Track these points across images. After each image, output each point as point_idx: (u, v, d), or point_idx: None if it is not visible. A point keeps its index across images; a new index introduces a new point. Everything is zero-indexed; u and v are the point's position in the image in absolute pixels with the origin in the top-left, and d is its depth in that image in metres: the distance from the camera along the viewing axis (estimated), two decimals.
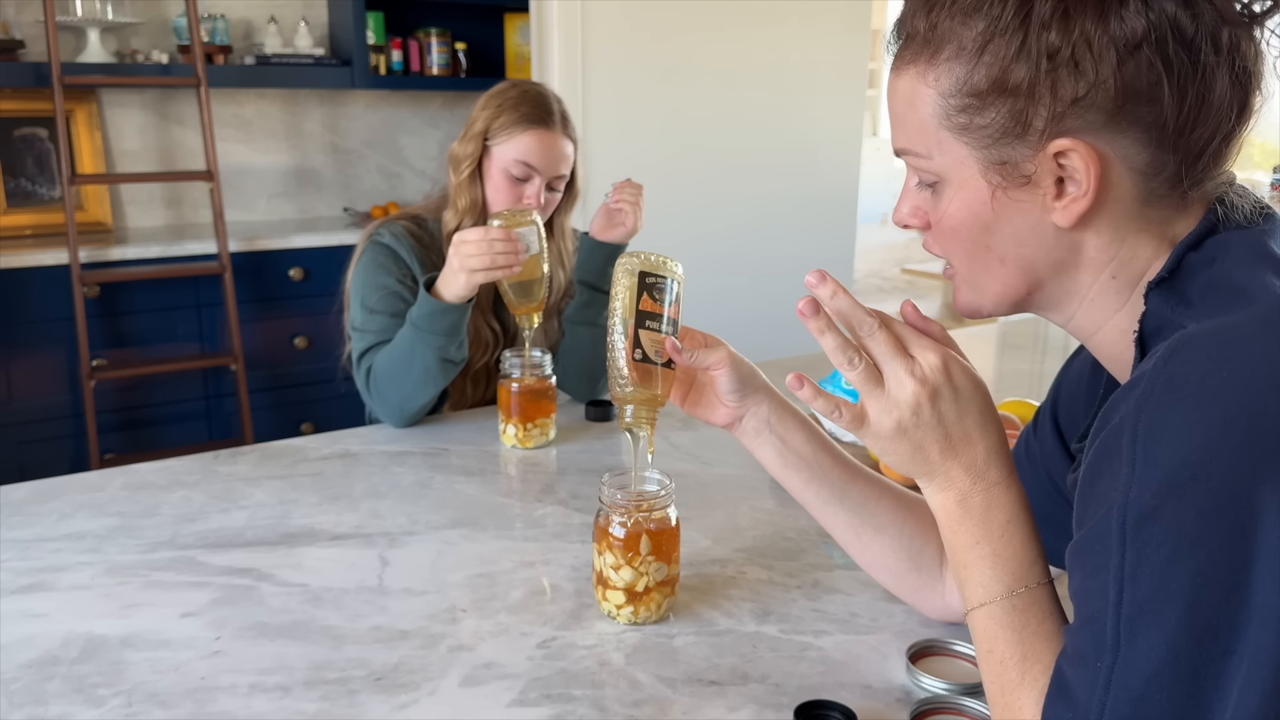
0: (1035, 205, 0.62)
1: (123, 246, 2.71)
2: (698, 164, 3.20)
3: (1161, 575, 0.52)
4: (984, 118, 0.61)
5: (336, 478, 1.28)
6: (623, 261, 0.88)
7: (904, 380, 0.66)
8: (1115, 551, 0.53)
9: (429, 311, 1.35)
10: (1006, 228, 0.63)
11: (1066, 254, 0.63)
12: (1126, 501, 0.53)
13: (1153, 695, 0.53)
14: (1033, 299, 0.66)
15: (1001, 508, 0.67)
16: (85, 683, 0.83)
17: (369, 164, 3.44)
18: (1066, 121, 0.59)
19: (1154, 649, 0.52)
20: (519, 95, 1.48)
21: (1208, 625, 0.51)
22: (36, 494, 1.22)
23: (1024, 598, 0.65)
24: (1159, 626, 0.52)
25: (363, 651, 0.87)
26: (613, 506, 0.90)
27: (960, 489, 0.67)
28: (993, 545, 0.66)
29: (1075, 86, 0.58)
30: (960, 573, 0.68)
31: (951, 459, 0.67)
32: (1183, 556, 0.51)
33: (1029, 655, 0.63)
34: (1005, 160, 0.61)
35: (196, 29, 2.71)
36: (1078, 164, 0.59)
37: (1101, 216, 0.61)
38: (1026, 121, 0.59)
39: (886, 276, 7.35)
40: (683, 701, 0.80)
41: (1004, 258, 0.64)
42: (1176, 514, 0.51)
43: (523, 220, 1.33)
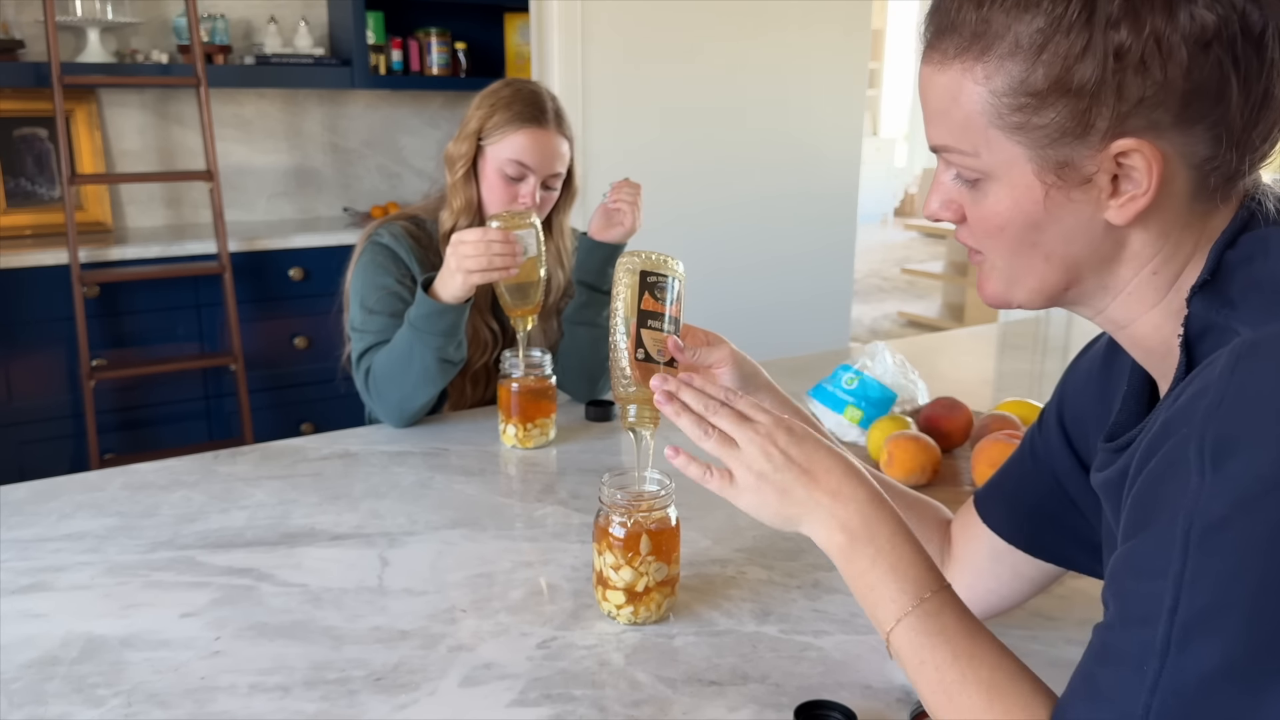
0: (1089, 204, 0.60)
1: (122, 246, 2.71)
2: (697, 164, 3.20)
3: (1225, 586, 0.51)
4: (1042, 118, 0.58)
5: (336, 478, 1.28)
6: (623, 261, 0.88)
7: (751, 438, 0.71)
8: (1177, 558, 0.52)
9: (427, 312, 1.35)
10: (1056, 226, 0.61)
11: (1112, 250, 0.62)
12: (1194, 509, 0.52)
13: (1203, 703, 0.52)
14: (1068, 294, 0.65)
15: (882, 522, 0.68)
16: (85, 683, 0.82)
17: (369, 164, 3.44)
18: (1130, 121, 0.57)
19: (1209, 657, 0.51)
20: (512, 94, 1.48)
21: (1267, 639, 0.50)
22: (36, 494, 1.22)
23: (934, 602, 0.65)
24: (1216, 635, 0.51)
25: (362, 652, 0.87)
26: (613, 506, 0.90)
27: (836, 516, 0.69)
28: (888, 559, 0.67)
29: (1143, 86, 0.56)
30: (868, 599, 0.68)
31: (815, 488, 0.69)
32: (1249, 569, 0.50)
33: (960, 654, 0.63)
34: (1063, 161, 0.59)
35: (196, 29, 2.71)
36: (1139, 164, 0.58)
37: (1154, 214, 0.60)
38: (1089, 122, 0.57)
39: (886, 276, 7.35)
40: (683, 701, 0.80)
41: (1049, 255, 0.63)
42: (1246, 527, 0.50)
43: (521, 223, 1.33)
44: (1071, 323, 2.30)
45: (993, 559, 0.84)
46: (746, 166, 3.30)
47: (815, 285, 3.54)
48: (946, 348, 2.09)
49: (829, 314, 3.60)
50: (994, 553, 0.84)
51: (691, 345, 0.88)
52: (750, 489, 0.71)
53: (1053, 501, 0.81)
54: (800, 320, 3.48)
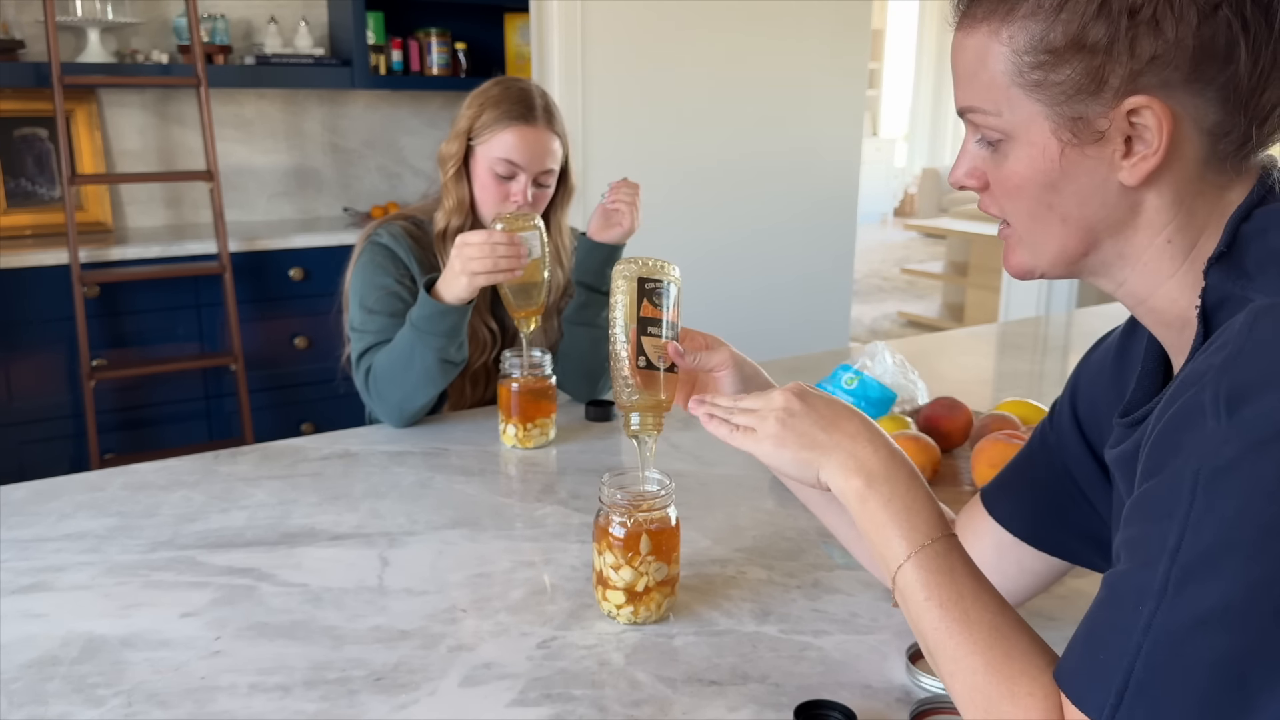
0: (1103, 163, 0.62)
1: (123, 246, 2.71)
2: (697, 164, 3.20)
3: (1228, 527, 0.52)
4: (1059, 74, 0.61)
5: (336, 478, 1.28)
6: (620, 269, 0.88)
7: (774, 397, 0.76)
8: (1184, 499, 0.53)
9: (429, 313, 1.35)
10: (1071, 185, 0.63)
11: (1127, 214, 0.63)
12: (1206, 453, 0.53)
13: (1194, 645, 0.52)
14: (1088, 261, 0.67)
15: (899, 467, 0.71)
16: (85, 683, 0.83)
17: (369, 164, 3.44)
18: (1142, 79, 0.59)
19: (1205, 598, 0.52)
20: (500, 93, 1.48)
21: (1266, 582, 0.51)
22: (36, 494, 1.22)
23: (943, 544, 0.68)
24: (1215, 577, 0.52)
25: (363, 651, 0.87)
26: (613, 506, 0.90)
27: (856, 457, 0.71)
28: (903, 500, 0.69)
29: (1154, 45, 0.58)
30: (879, 539, 0.69)
31: (836, 431, 0.73)
32: (1254, 511, 0.51)
33: (966, 595, 0.65)
34: (1078, 117, 0.61)
35: (196, 29, 2.71)
36: (1150, 122, 0.59)
37: (1166, 176, 0.62)
38: (1102, 79, 0.60)
39: (886, 276, 7.35)
40: (683, 701, 0.80)
41: (1066, 216, 0.65)
42: (1256, 469, 0.51)
43: (525, 224, 1.33)
44: (1071, 322, 2.30)
45: (998, 554, 0.84)
46: (746, 166, 3.31)
47: (815, 285, 3.54)
48: (946, 348, 2.09)
49: (829, 314, 3.60)
50: (999, 548, 0.84)
51: (691, 350, 0.88)
52: (772, 436, 0.74)
53: (1062, 494, 0.81)
54: (800, 320, 3.48)
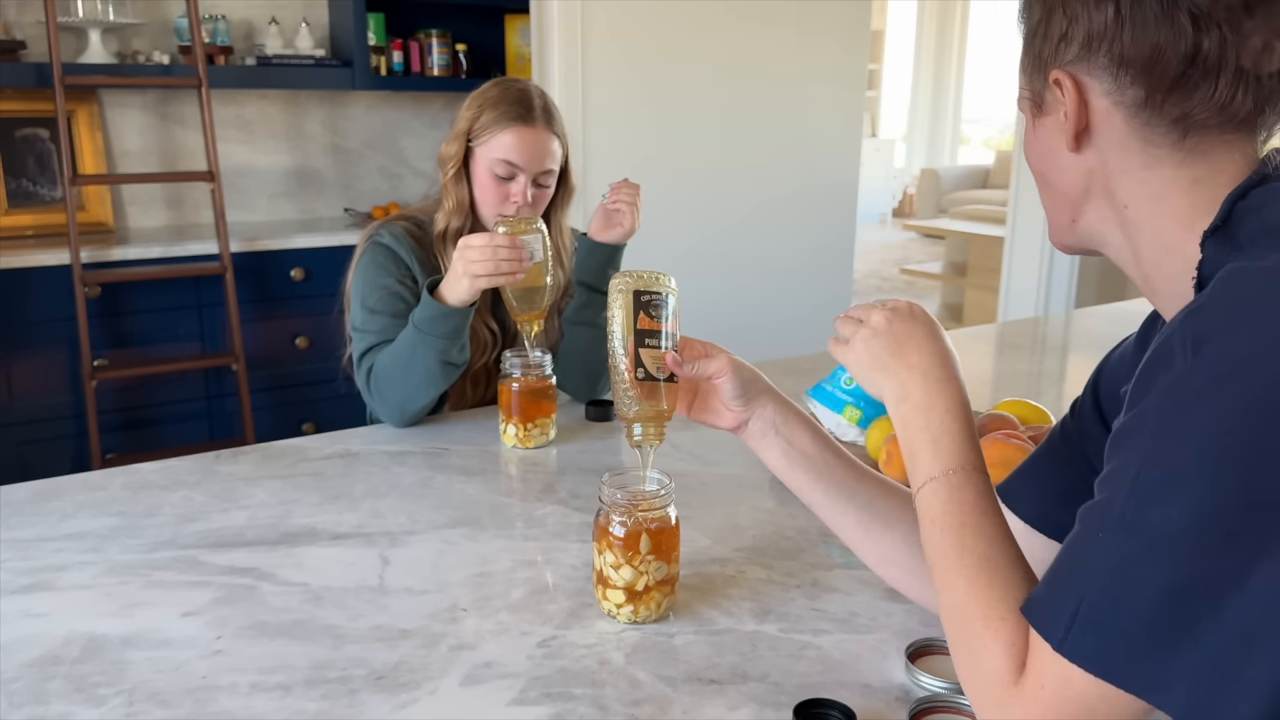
0: (1056, 133, 0.70)
1: (124, 247, 2.71)
2: (697, 164, 3.21)
3: (1183, 458, 0.54)
4: (1026, 58, 0.71)
5: (337, 477, 1.28)
6: (615, 282, 0.89)
7: (873, 314, 0.82)
8: (1147, 432, 0.56)
9: (431, 315, 1.35)
10: (1044, 154, 0.72)
11: (1084, 178, 0.70)
12: (1168, 387, 0.56)
13: (1143, 571, 0.54)
14: (1078, 228, 0.73)
15: (942, 398, 0.75)
16: (86, 682, 0.83)
17: (370, 165, 3.45)
18: (1060, 56, 0.68)
19: (1157, 525, 0.54)
20: (499, 94, 1.49)
21: (1216, 513, 0.52)
22: (38, 494, 1.22)
23: (960, 475, 0.72)
24: (1167, 504, 0.54)
25: (363, 651, 0.88)
26: (613, 506, 0.90)
27: (906, 386, 0.77)
28: (933, 430, 0.74)
29: (1060, 26, 0.67)
30: (909, 463, 0.75)
31: (899, 359, 0.78)
32: (1210, 444, 0.53)
33: (968, 525, 0.69)
34: (1035, 92, 0.71)
35: (198, 30, 2.71)
36: (1068, 91, 0.67)
37: (1098, 142, 0.68)
38: (1040, 55, 0.69)
39: (886, 277, 7.35)
40: (682, 700, 0.80)
41: (1049, 184, 0.73)
42: (1214, 404, 0.53)
43: (528, 228, 1.33)
44: (1070, 323, 2.30)
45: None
46: (746, 167, 3.31)
47: (815, 285, 3.54)
48: None
49: (828, 314, 3.56)
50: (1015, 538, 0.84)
51: (690, 359, 0.89)
52: (855, 351, 0.81)
53: (1081, 484, 0.81)
54: (800, 320, 3.48)
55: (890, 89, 10.46)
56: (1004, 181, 7.54)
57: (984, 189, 8.89)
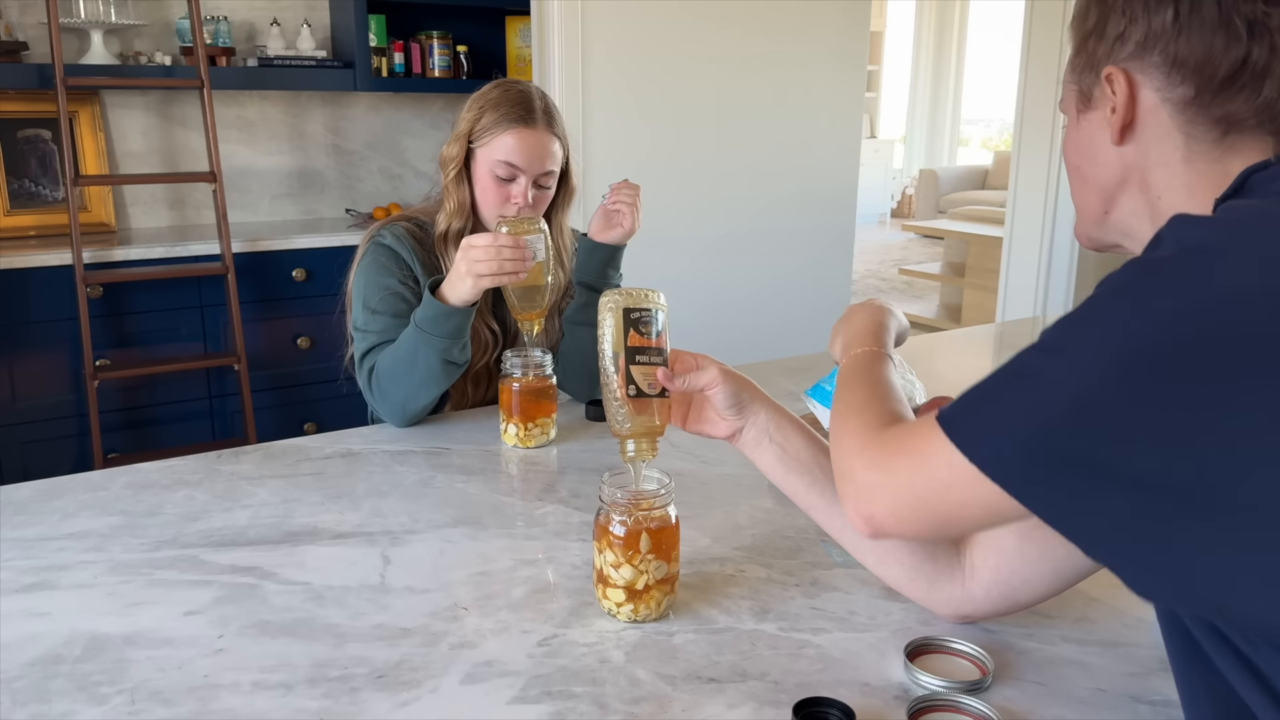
0: (1100, 126, 0.75)
1: (126, 247, 2.72)
2: (697, 165, 3.21)
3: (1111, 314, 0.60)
4: (1078, 56, 0.76)
5: (339, 477, 1.28)
6: (605, 301, 0.90)
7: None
8: (1087, 305, 0.61)
9: (433, 314, 1.35)
10: (1086, 147, 0.77)
11: (1123, 172, 0.75)
12: (1112, 278, 0.61)
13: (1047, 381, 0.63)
14: (1110, 220, 0.78)
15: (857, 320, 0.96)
16: (88, 681, 0.83)
17: (371, 165, 3.45)
18: (1115, 54, 0.72)
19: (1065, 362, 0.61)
20: (500, 95, 1.49)
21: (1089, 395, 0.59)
22: (40, 493, 1.22)
23: (865, 356, 0.87)
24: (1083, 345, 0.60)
25: (365, 649, 0.88)
26: (613, 505, 0.91)
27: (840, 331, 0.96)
28: (849, 333, 0.93)
29: (1118, 25, 0.71)
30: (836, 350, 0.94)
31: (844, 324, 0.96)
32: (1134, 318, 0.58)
33: (871, 400, 0.80)
34: (1086, 88, 0.75)
35: (199, 31, 2.71)
36: (1119, 88, 0.72)
37: (1142, 135, 0.73)
38: (1095, 54, 0.74)
39: (885, 277, 7.35)
40: (682, 699, 0.81)
41: (1087, 178, 0.78)
42: (1148, 281, 0.59)
43: (530, 228, 1.34)
44: None
45: (1022, 539, 0.84)
46: (745, 168, 3.31)
47: (814, 285, 3.55)
48: (944, 348, 2.09)
49: (827, 314, 3.58)
50: (1023, 533, 0.84)
51: (680, 372, 0.90)
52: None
53: None
54: (799, 320, 3.48)
55: (890, 89, 10.46)
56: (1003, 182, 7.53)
57: (983, 190, 8.89)
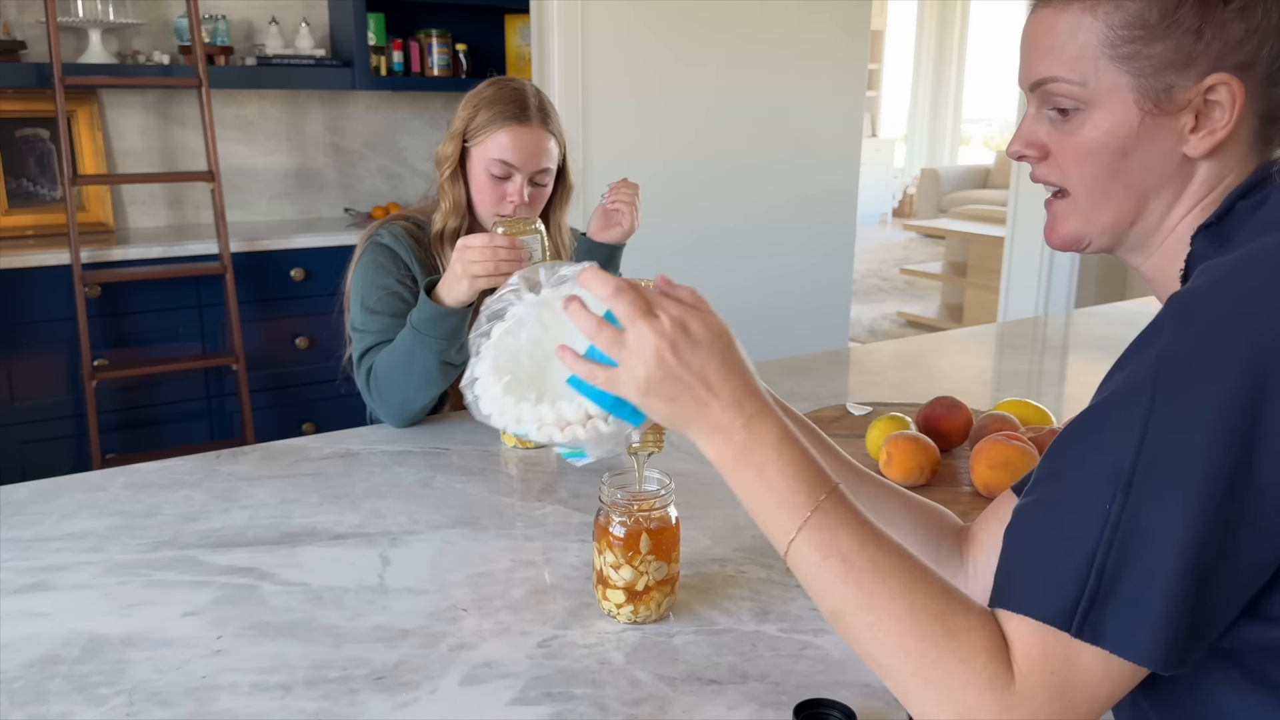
0: (1173, 134, 0.68)
1: (124, 247, 2.71)
2: (697, 164, 3.20)
3: (1192, 414, 0.54)
4: (1151, 49, 0.66)
5: (337, 477, 1.28)
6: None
7: (646, 336, 0.66)
8: (1145, 395, 0.56)
9: (430, 316, 1.35)
10: (1141, 152, 0.69)
11: (1179, 184, 0.70)
12: (1161, 354, 0.56)
13: (1164, 532, 0.54)
14: (1133, 230, 0.72)
15: (766, 433, 0.66)
16: (86, 682, 0.83)
17: (370, 165, 3.45)
18: (1224, 60, 0.65)
19: (1173, 486, 0.54)
20: (494, 93, 1.49)
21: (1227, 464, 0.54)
22: (38, 494, 1.22)
23: (831, 499, 0.64)
24: (1182, 466, 0.54)
25: (363, 650, 0.88)
26: (613, 506, 0.90)
27: (721, 428, 0.66)
28: (777, 466, 0.65)
29: (1241, 30, 0.65)
30: (761, 508, 0.66)
31: (705, 403, 0.66)
32: (1214, 397, 0.54)
33: (866, 542, 0.63)
34: (1164, 88, 0.67)
35: (198, 30, 2.71)
36: (1224, 99, 0.66)
37: (1221, 151, 0.68)
38: (1191, 56, 0.66)
39: (885, 277, 7.35)
40: (682, 700, 0.81)
41: (1129, 183, 0.70)
42: (1209, 358, 0.55)
43: (526, 228, 1.34)
44: (1070, 323, 2.30)
45: None
46: (746, 167, 3.31)
47: (814, 285, 3.54)
48: (945, 348, 2.09)
49: (828, 314, 3.60)
50: None
51: None
52: (638, 390, 0.67)
53: None
54: (799, 320, 3.48)
55: (890, 89, 10.46)
56: (1004, 181, 7.53)
57: (984, 189, 8.89)
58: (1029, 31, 0.73)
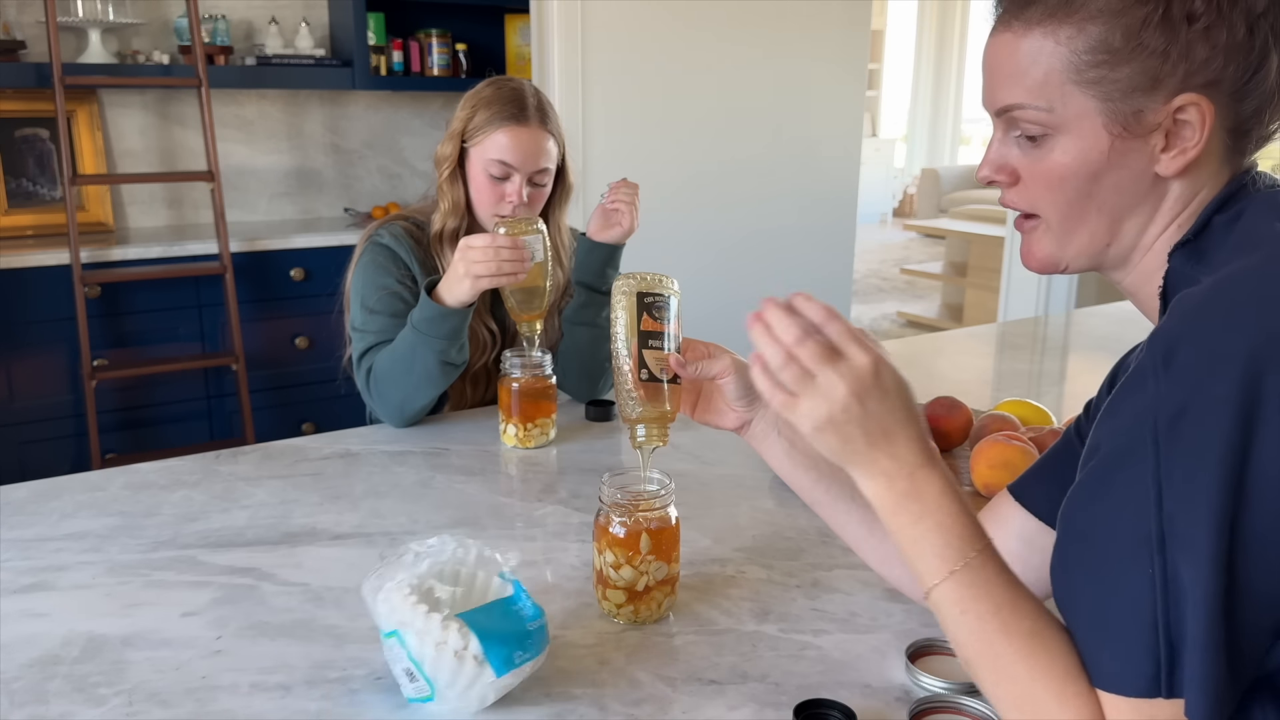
0: (1145, 155, 0.68)
1: (124, 247, 2.71)
2: (697, 164, 3.20)
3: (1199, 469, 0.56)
4: (1118, 73, 0.66)
5: (337, 477, 1.28)
6: (619, 284, 0.89)
7: (836, 382, 0.67)
8: (1149, 454, 0.58)
9: (430, 315, 1.35)
10: (1114, 175, 0.68)
11: (1154, 203, 0.69)
12: (1155, 406, 0.58)
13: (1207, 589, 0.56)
14: (1110, 251, 0.72)
15: (930, 484, 0.68)
16: (86, 682, 0.83)
17: (369, 164, 3.45)
18: (1192, 79, 0.65)
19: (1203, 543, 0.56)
20: (493, 93, 1.49)
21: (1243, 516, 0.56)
22: (38, 494, 1.22)
23: (980, 557, 0.67)
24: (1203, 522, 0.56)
25: (363, 651, 0.87)
26: (613, 506, 0.90)
27: (886, 474, 0.69)
28: (934, 518, 0.68)
29: (1206, 49, 0.64)
30: (912, 553, 0.69)
31: (874, 450, 0.69)
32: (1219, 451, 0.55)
33: (1003, 605, 0.65)
34: (1132, 111, 0.66)
35: (197, 30, 2.71)
36: (1193, 118, 0.65)
37: (1193, 169, 0.68)
38: (1158, 78, 0.65)
39: (886, 277, 7.35)
40: (682, 700, 0.80)
41: (1101, 206, 0.70)
42: (1205, 410, 0.56)
43: (528, 229, 1.33)
44: (1070, 322, 2.31)
45: (1024, 545, 0.84)
46: (746, 166, 3.31)
47: (815, 285, 3.52)
48: (945, 348, 2.09)
49: None
50: (1026, 538, 0.84)
51: (693, 359, 0.89)
52: (813, 420, 0.68)
53: None
54: None
55: (890, 89, 10.45)
56: None
57: (984, 189, 8.89)
58: (990, 56, 0.72)
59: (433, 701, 0.77)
